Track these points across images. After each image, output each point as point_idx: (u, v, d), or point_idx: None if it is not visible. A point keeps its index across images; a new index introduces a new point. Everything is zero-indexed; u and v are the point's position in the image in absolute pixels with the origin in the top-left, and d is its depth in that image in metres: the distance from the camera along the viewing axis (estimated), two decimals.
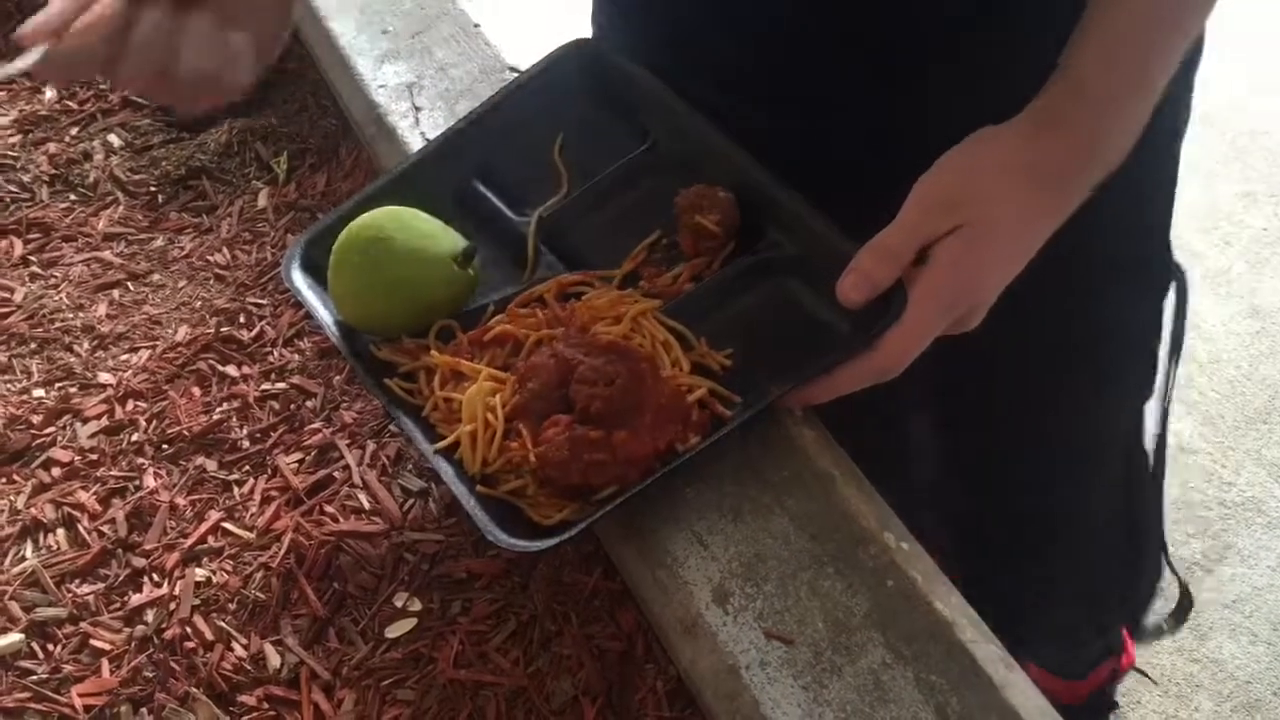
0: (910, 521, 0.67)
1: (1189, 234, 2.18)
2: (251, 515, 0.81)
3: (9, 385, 0.92)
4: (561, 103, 0.88)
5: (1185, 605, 1.12)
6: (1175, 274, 0.96)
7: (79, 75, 0.98)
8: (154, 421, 0.88)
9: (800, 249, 0.76)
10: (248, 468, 0.85)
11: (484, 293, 0.82)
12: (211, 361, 0.93)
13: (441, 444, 0.72)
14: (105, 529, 0.81)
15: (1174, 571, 1.13)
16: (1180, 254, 0.95)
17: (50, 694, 0.73)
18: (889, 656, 0.61)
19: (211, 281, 1.01)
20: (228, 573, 0.78)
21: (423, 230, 0.78)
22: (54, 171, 1.12)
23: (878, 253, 0.67)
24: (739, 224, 0.78)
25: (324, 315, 0.81)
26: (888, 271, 0.66)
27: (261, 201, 1.08)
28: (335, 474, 0.83)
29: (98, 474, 0.85)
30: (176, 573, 0.78)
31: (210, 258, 1.04)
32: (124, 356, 0.94)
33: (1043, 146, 0.66)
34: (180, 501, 0.83)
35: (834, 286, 0.69)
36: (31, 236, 1.06)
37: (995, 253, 0.66)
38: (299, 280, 0.83)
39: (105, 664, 0.74)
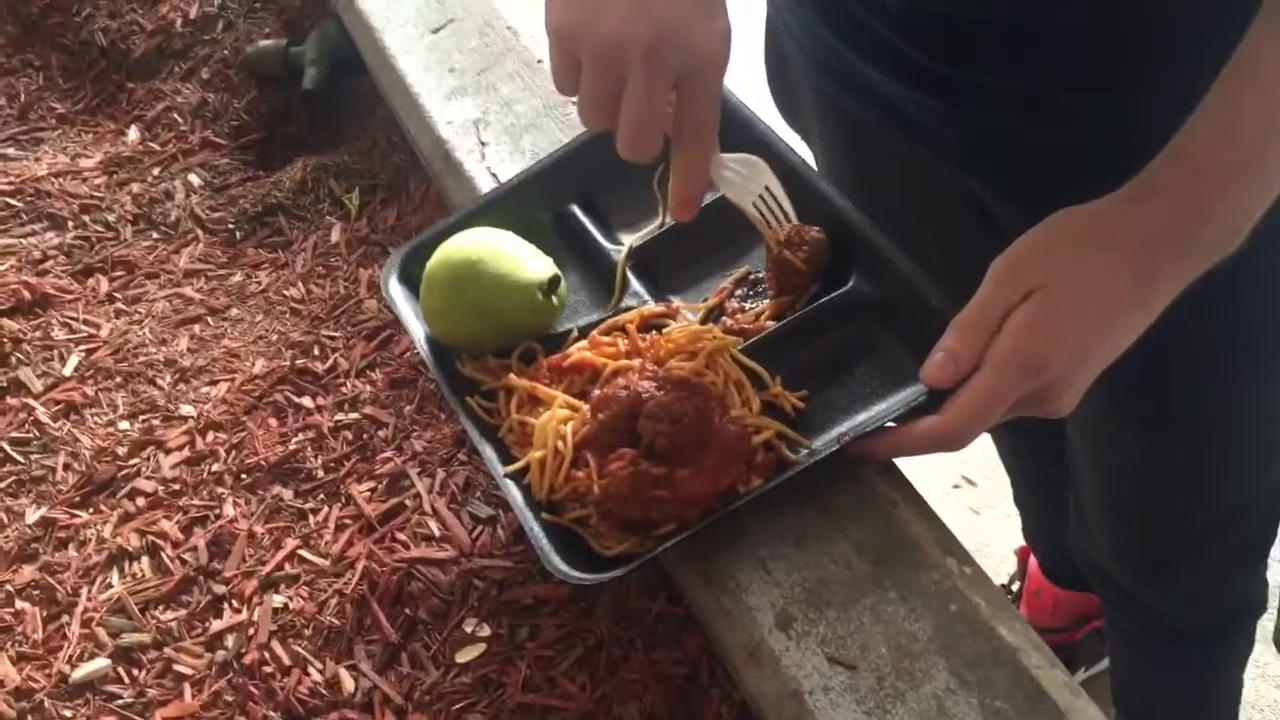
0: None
1: None
2: (326, 543, 0.84)
3: (97, 418, 0.96)
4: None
5: None
6: None
7: None
8: (233, 452, 0.91)
9: (887, 294, 0.75)
10: (322, 496, 0.87)
11: (571, 316, 0.84)
12: (287, 393, 0.96)
13: (511, 468, 0.74)
14: (187, 557, 0.84)
15: None
16: None
17: (135, 717, 0.75)
18: (953, 682, 0.61)
19: (287, 315, 1.05)
20: (304, 599, 0.80)
21: (512, 256, 0.80)
22: (137, 211, 1.16)
23: (958, 330, 0.65)
24: (828, 264, 0.78)
25: (415, 329, 0.84)
26: (969, 348, 0.64)
27: (334, 236, 1.12)
28: (406, 502, 0.85)
29: (180, 503, 0.88)
30: (255, 599, 0.81)
31: (286, 292, 1.07)
32: (204, 389, 0.98)
33: (1130, 216, 0.63)
34: (258, 529, 0.85)
35: (917, 332, 0.69)
36: (116, 274, 1.11)
37: (1067, 317, 0.63)
38: (395, 292, 0.86)
39: (188, 688, 0.76)
